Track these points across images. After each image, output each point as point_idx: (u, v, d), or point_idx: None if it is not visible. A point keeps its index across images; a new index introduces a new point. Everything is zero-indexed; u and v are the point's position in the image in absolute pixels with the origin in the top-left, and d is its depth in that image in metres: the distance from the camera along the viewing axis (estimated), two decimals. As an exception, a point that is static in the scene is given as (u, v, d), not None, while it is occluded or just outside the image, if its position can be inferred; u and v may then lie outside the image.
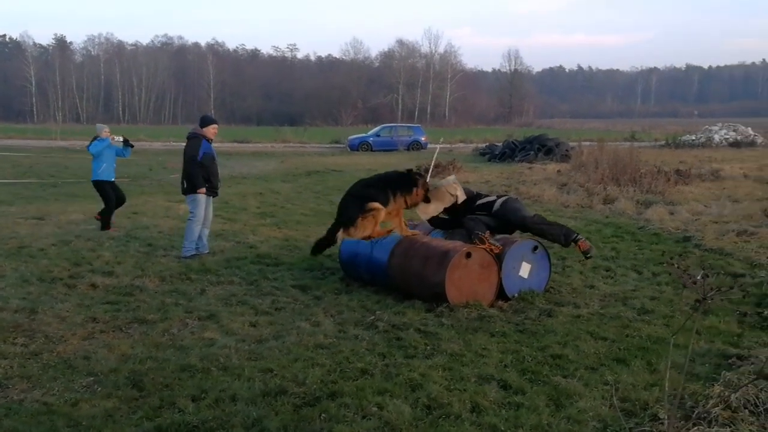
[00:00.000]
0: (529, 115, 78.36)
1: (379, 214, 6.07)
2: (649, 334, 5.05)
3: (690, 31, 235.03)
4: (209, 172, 7.91)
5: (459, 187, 6.61)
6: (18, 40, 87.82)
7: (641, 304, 5.91)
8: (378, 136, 34.72)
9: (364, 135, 36.10)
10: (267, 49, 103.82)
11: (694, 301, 2.92)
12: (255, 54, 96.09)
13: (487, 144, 30.93)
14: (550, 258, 6.31)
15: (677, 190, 13.29)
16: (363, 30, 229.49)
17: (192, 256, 7.68)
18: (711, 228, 9.34)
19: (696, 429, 3.33)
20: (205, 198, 7.93)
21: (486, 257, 5.89)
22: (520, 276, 6.07)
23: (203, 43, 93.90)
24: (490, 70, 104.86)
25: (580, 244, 6.25)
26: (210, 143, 7.98)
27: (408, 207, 6.35)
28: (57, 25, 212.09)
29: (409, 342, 4.84)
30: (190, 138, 7.96)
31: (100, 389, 4.04)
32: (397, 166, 20.72)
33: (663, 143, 31.51)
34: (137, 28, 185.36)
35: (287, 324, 5.32)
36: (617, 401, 3.69)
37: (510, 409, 3.75)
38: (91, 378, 4.21)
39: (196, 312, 5.62)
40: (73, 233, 9.01)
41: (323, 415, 3.65)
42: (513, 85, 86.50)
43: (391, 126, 37.83)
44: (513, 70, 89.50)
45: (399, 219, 6.34)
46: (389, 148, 32.51)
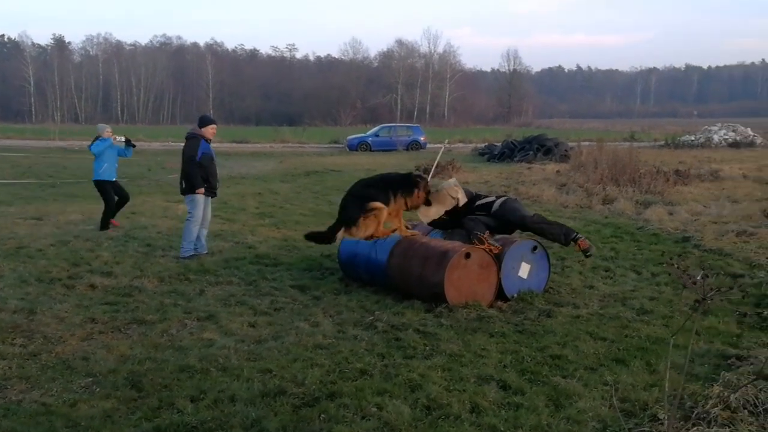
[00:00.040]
0: (528, 115, 78.46)
1: (382, 213, 6.05)
2: (649, 334, 5.05)
3: (689, 31, 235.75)
4: (208, 172, 7.91)
5: (460, 190, 6.59)
6: (16, 40, 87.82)
7: (640, 304, 5.91)
8: (377, 136, 34.72)
9: (363, 135, 36.11)
10: (266, 49, 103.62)
11: (693, 302, 2.91)
12: (254, 54, 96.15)
13: (486, 144, 30.95)
14: (549, 258, 6.31)
15: (676, 190, 13.29)
16: (362, 30, 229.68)
17: (190, 256, 7.67)
18: (710, 228, 9.34)
19: (695, 429, 3.33)
20: (204, 198, 7.92)
21: (485, 257, 5.89)
22: (519, 276, 6.07)
23: (202, 43, 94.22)
24: (489, 70, 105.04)
25: (579, 242, 6.24)
26: (209, 143, 7.98)
27: (408, 209, 6.32)
28: (55, 25, 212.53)
29: (409, 342, 4.84)
30: (188, 138, 7.96)
31: (98, 390, 4.03)
32: (397, 166, 20.87)
33: (662, 143, 31.56)
34: (136, 28, 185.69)
35: (286, 324, 5.31)
36: (617, 401, 3.69)
37: (509, 410, 3.75)
38: (90, 378, 4.20)
39: (194, 312, 5.61)
40: (72, 233, 9.00)
41: (322, 416, 3.64)
42: (512, 85, 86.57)
43: (390, 126, 37.85)
44: (512, 70, 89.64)
45: (398, 220, 6.32)
46: (388, 148, 32.52)
